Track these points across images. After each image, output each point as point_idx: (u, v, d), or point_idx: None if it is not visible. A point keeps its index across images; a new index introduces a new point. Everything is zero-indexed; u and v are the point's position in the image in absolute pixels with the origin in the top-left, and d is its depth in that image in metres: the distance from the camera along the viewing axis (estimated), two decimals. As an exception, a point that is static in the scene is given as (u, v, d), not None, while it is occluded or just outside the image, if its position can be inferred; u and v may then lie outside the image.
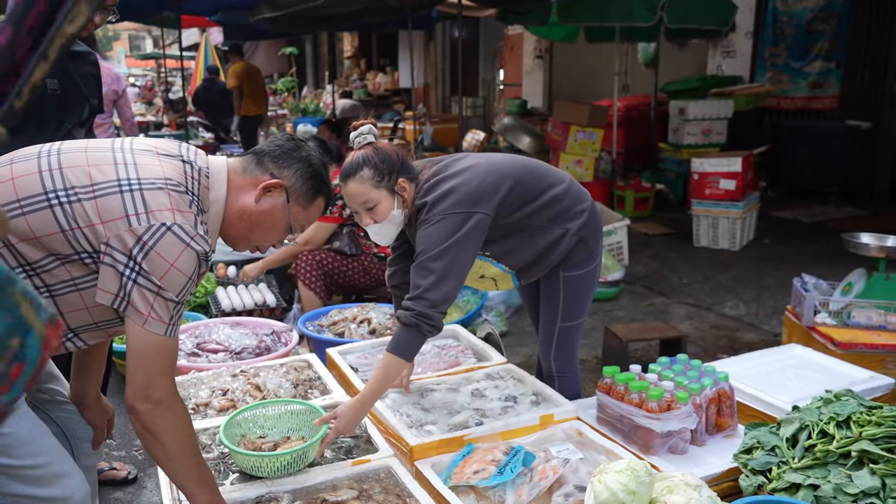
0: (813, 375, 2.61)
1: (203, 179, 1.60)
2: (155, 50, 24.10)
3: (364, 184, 2.13)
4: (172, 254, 1.44)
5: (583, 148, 7.41)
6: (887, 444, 1.66)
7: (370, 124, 2.22)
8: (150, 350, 1.47)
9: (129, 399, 1.49)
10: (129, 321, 1.46)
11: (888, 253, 3.37)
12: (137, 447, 3.13)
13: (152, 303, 1.44)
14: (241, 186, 1.66)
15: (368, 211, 2.17)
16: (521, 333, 4.46)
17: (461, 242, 2.09)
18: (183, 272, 1.46)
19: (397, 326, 2.14)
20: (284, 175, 1.68)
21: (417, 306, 2.06)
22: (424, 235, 2.12)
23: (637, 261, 6.00)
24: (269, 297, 4.02)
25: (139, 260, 1.42)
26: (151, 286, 1.44)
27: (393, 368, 2.09)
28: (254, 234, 1.70)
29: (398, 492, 1.84)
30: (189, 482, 1.59)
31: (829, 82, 8.25)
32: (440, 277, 2.06)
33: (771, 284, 5.28)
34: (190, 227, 1.47)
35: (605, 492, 1.51)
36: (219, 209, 1.63)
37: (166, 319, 1.47)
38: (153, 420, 1.49)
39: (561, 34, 9.31)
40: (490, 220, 2.17)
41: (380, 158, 2.15)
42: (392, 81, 16.54)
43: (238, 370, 2.57)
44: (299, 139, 1.78)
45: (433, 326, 2.07)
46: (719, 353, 4.03)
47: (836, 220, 7.07)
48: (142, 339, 1.46)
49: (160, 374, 1.49)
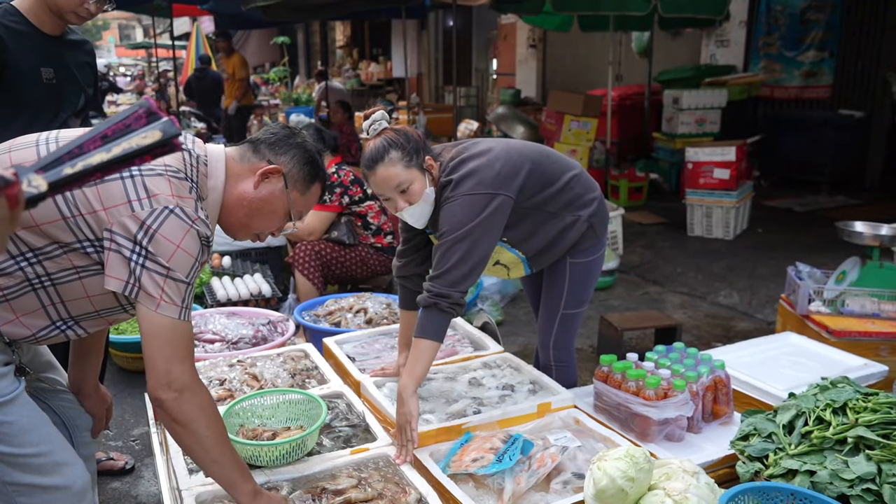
0: (807, 363, 2.62)
1: (202, 167, 1.59)
2: (145, 39, 23.94)
3: (395, 165, 2.09)
4: (177, 235, 1.43)
5: (577, 137, 7.41)
6: (883, 431, 1.67)
7: (382, 110, 2.19)
8: (167, 334, 1.45)
9: (152, 390, 1.46)
10: (142, 307, 1.44)
11: (882, 241, 3.39)
12: (134, 437, 3.13)
13: (163, 286, 1.43)
14: (239, 174, 1.66)
15: (402, 194, 2.12)
16: (517, 323, 4.47)
17: (485, 223, 2.09)
18: (189, 253, 1.45)
19: (421, 312, 2.12)
20: (281, 161, 1.69)
21: (436, 287, 2.07)
22: (449, 214, 2.11)
23: (631, 250, 6.02)
24: (265, 287, 4.02)
25: (145, 244, 1.41)
26: (160, 269, 1.42)
27: (422, 352, 2.08)
28: (254, 221, 1.70)
29: (397, 480, 1.85)
30: (228, 471, 1.57)
31: (823, 72, 8.28)
32: (462, 258, 2.06)
33: (764, 273, 5.31)
34: (191, 211, 1.47)
35: (604, 479, 1.51)
36: (217, 196, 1.63)
37: (179, 302, 1.45)
38: (181, 408, 1.47)
39: (555, 23, 9.28)
40: (512, 202, 2.17)
41: (404, 139, 2.12)
42: (385, 71, 16.49)
43: (235, 360, 2.57)
44: (293, 128, 1.80)
45: (454, 303, 2.07)
46: (713, 342, 4.06)
47: (828, 210, 7.10)
48: (156, 324, 1.44)
49: (180, 359, 1.47)
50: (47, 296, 1.50)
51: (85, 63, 2.54)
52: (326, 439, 2.07)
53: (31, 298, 1.49)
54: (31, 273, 1.46)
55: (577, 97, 7.49)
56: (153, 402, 1.48)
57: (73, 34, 2.51)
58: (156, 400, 1.47)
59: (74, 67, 2.47)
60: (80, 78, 2.49)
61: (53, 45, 2.39)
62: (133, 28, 38.35)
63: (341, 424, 2.14)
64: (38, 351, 1.79)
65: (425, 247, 2.38)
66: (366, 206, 3.95)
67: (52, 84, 2.38)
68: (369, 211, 3.96)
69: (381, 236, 3.99)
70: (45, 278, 1.47)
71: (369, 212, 3.96)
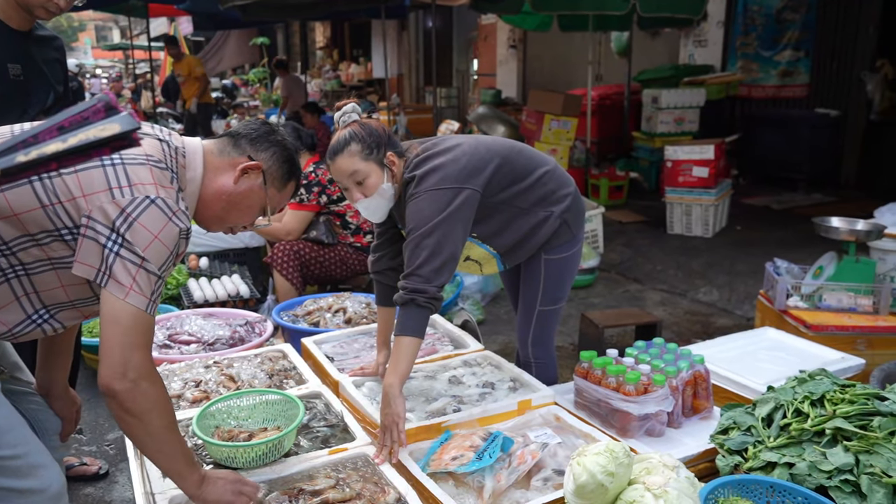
0: (786, 357, 2.64)
1: (180, 158, 1.59)
2: (122, 40, 23.67)
3: (353, 157, 2.12)
4: (156, 226, 1.42)
5: (557, 137, 7.42)
6: (860, 422, 1.67)
7: (353, 103, 2.21)
8: (129, 323, 1.41)
9: (104, 379, 1.41)
10: (108, 295, 1.40)
11: (857, 236, 3.42)
12: (108, 442, 3.07)
13: (135, 275, 1.40)
14: (217, 167, 1.66)
15: (358, 185, 2.15)
16: (497, 321, 4.46)
17: (452, 218, 2.08)
18: (166, 245, 1.44)
19: (399, 310, 2.10)
20: (261, 157, 1.69)
21: (411, 283, 2.06)
22: (415, 211, 2.11)
23: (612, 248, 6.04)
24: (243, 287, 3.97)
25: (122, 231, 1.39)
26: (135, 258, 1.40)
27: (404, 349, 2.06)
28: (230, 215, 1.70)
29: (376, 480, 1.82)
30: (176, 462, 1.55)
31: (799, 71, 8.36)
32: (432, 253, 2.05)
33: (743, 270, 5.34)
34: (172, 203, 1.46)
35: (584, 474, 1.50)
36: (195, 189, 1.62)
37: (148, 294, 1.43)
38: (133, 399, 1.43)
39: (534, 23, 9.31)
40: (479, 196, 2.16)
41: (366, 132, 2.14)
42: (365, 72, 16.43)
43: (211, 361, 2.53)
44: (272, 124, 1.80)
45: (430, 298, 2.05)
46: (693, 339, 4.07)
47: (805, 207, 7.17)
48: (120, 311, 1.40)
49: (138, 348, 1.43)
50: (21, 286, 1.47)
51: (54, 59, 2.49)
52: (304, 440, 2.04)
53: (5, 289, 1.46)
54: (4, 263, 1.44)
55: (557, 97, 7.50)
56: (105, 392, 1.42)
57: (42, 30, 2.46)
58: (109, 390, 1.41)
59: (43, 64, 2.42)
60: (49, 75, 2.43)
61: (21, 41, 2.34)
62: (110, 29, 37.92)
63: (319, 425, 2.11)
64: (4, 351, 1.75)
65: (398, 241, 2.36)
66: (344, 205, 3.92)
67: (20, 80, 2.32)
68: (348, 210, 3.93)
69: (360, 235, 3.96)
70: (18, 268, 1.45)
71: (348, 211, 3.93)
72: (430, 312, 2.09)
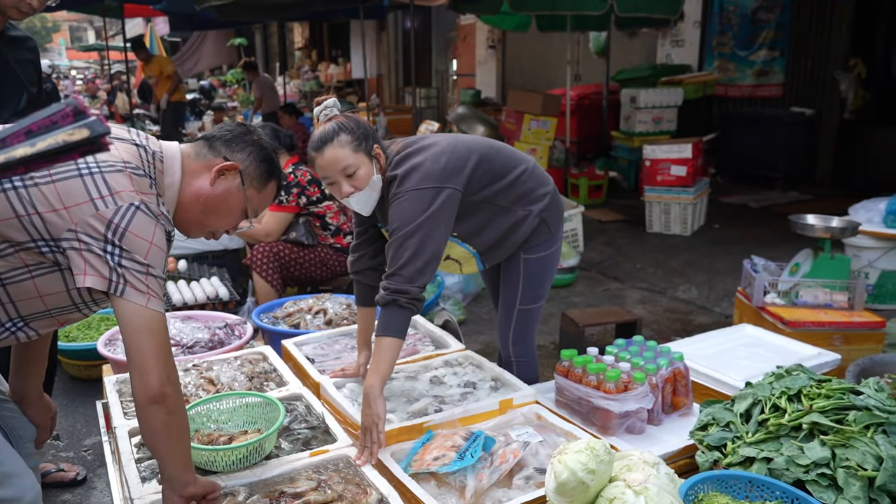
0: (764, 354, 2.67)
1: (158, 164, 1.57)
2: (98, 41, 23.38)
3: (343, 148, 2.08)
4: (148, 231, 1.42)
5: (536, 136, 7.45)
6: (836, 416, 1.70)
7: (335, 98, 2.19)
8: (159, 328, 1.43)
9: (155, 388, 1.41)
10: (128, 304, 1.40)
11: (833, 233, 3.47)
12: (86, 447, 3.03)
13: (146, 282, 1.41)
14: (195, 171, 1.64)
15: (348, 178, 2.11)
16: (478, 321, 4.47)
17: (434, 217, 2.08)
18: (160, 248, 1.45)
19: (381, 311, 2.10)
20: (238, 158, 1.67)
21: (393, 284, 2.05)
22: (398, 211, 2.10)
23: (592, 247, 6.07)
24: (222, 290, 3.94)
25: (118, 242, 1.38)
26: (139, 266, 1.40)
27: (385, 350, 2.05)
28: (209, 219, 1.68)
29: (357, 481, 1.82)
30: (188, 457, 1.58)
31: (774, 70, 8.46)
32: (415, 253, 2.05)
33: (721, 268, 5.40)
34: (154, 207, 1.46)
35: (565, 472, 1.50)
36: (174, 194, 1.61)
37: (161, 296, 1.45)
38: (178, 401, 1.48)
39: (513, 23, 9.33)
40: (460, 195, 2.16)
41: (354, 124, 2.12)
42: (344, 72, 16.39)
43: (190, 364, 2.50)
44: (249, 125, 1.78)
45: (412, 299, 2.05)
46: (673, 336, 4.10)
47: (782, 205, 7.26)
48: (149, 319, 1.41)
49: (170, 352, 1.47)
50: None
51: (27, 60, 2.45)
52: (285, 442, 2.02)
53: None
54: None
55: (536, 97, 7.53)
56: (156, 400, 1.42)
57: (15, 30, 2.42)
58: (161, 397, 1.42)
59: (16, 65, 2.38)
60: (21, 76, 2.39)
61: None
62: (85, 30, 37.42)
63: (300, 427, 2.10)
64: None
65: (378, 240, 2.36)
66: (324, 206, 3.90)
67: None
68: (328, 211, 3.91)
69: (340, 237, 3.95)
70: None
71: (328, 212, 3.91)
72: (412, 313, 2.09)
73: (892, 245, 4.22)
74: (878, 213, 4.35)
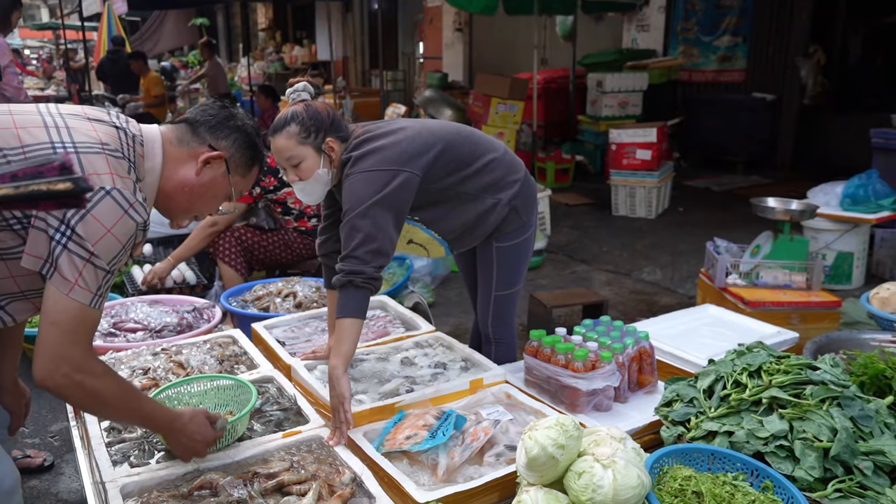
0: (726, 333, 2.74)
1: (138, 147, 1.54)
2: (52, 20, 22.68)
3: (290, 139, 2.11)
4: (110, 219, 1.38)
5: (504, 120, 7.47)
6: (794, 391, 1.76)
7: (306, 82, 2.19)
8: (68, 319, 1.38)
9: (38, 374, 1.38)
10: (52, 289, 1.37)
11: (792, 216, 3.57)
12: (52, 433, 2.99)
13: (81, 270, 1.36)
14: (178, 158, 1.61)
15: (294, 168, 2.14)
16: (448, 303, 4.50)
17: (387, 199, 2.08)
18: (118, 239, 1.40)
19: (339, 292, 2.10)
20: (223, 146, 1.65)
21: (347, 265, 2.06)
22: (350, 192, 2.10)
23: (559, 230, 6.13)
24: (189, 274, 3.90)
25: (73, 224, 1.35)
26: (83, 252, 1.36)
27: (346, 331, 2.06)
28: (195, 206, 1.67)
29: (331, 461, 1.83)
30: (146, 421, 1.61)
31: (737, 56, 8.60)
32: (368, 235, 2.05)
33: (685, 250, 5.51)
34: (129, 194, 1.42)
35: (535, 447, 1.54)
36: (154, 179, 1.58)
37: (94, 289, 1.39)
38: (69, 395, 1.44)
39: (480, 6, 9.25)
40: (418, 180, 2.16)
41: (308, 115, 2.12)
42: (309, 55, 16.14)
43: (159, 348, 2.49)
44: (230, 107, 1.74)
45: (368, 279, 2.06)
46: (638, 317, 4.19)
47: (744, 188, 7.42)
48: (62, 308, 1.37)
49: (76, 344, 1.40)
50: None
51: None
52: (258, 424, 2.03)
53: None
54: None
55: (503, 80, 7.55)
56: (39, 387, 1.40)
57: None
58: (42, 386, 1.39)
59: None
60: None
61: None
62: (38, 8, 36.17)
63: (272, 409, 2.11)
64: None
65: None
66: (283, 192, 3.85)
67: None
68: (288, 197, 3.87)
69: (304, 220, 3.92)
70: None
71: (288, 198, 3.87)
72: (370, 293, 2.10)
73: (849, 227, 4.36)
74: (835, 196, 4.48)
